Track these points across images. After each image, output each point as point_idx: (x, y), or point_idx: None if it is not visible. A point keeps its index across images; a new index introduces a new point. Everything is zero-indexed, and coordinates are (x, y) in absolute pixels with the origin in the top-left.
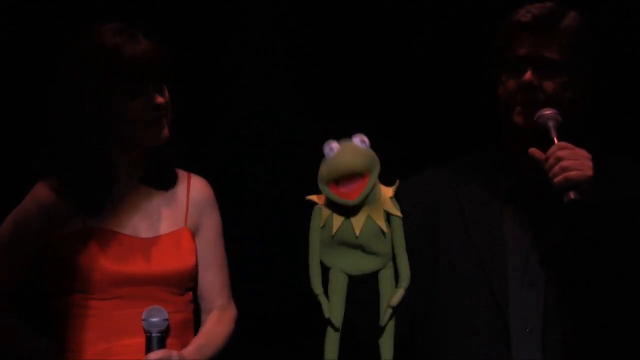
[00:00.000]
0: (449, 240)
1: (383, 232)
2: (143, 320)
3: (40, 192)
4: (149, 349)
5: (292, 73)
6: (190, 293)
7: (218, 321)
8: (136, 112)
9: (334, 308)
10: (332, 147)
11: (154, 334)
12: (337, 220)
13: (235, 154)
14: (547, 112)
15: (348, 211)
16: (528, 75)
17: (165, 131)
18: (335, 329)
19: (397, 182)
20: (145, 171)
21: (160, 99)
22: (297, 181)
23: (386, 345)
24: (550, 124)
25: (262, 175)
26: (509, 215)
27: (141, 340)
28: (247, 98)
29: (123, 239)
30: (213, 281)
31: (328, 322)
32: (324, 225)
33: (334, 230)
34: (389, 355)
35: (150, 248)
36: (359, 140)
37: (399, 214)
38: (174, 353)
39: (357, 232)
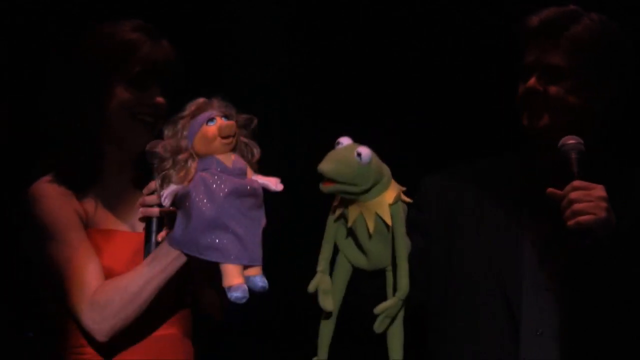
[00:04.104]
0: (465, 241)
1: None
2: (146, 151)
3: (47, 185)
4: (151, 179)
5: (296, 74)
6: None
7: None
8: (132, 103)
9: None
10: (340, 141)
11: (156, 165)
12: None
13: None
14: (571, 141)
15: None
16: (532, 81)
17: (151, 137)
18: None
19: (399, 192)
20: (135, 173)
21: (160, 101)
22: (298, 182)
23: (395, 345)
24: (573, 155)
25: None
26: (524, 221)
27: (155, 334)
28: (246, 99)
29: (121, 236)
30: None
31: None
32: None
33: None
34: (398, 355)
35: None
36: (356, 152)
37: (388, 221)
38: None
39: (350, 222)
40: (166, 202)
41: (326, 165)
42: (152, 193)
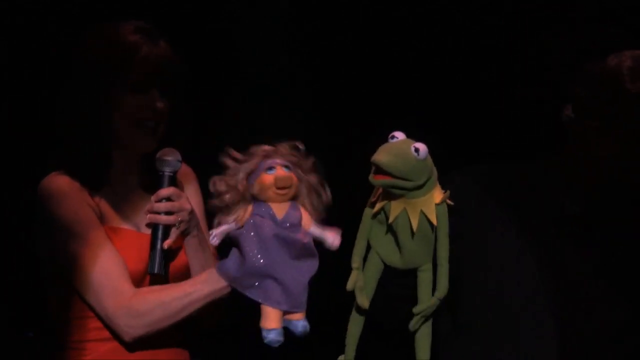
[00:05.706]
0: (503, 247)
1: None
2: (156, 159)
3: (62, 180)
4: (160, 186)
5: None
6: None
7: None
8: (132, 108)
9: None
10: (395, 135)
11: (166, 173)
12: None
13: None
14: None
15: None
16: None
17: (152, 140)
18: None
19: (447, 192)
20: (140, 175)
21: (160, 104)
22: None
23: (423, 345)
24: None
25: None
26: (569, 235)
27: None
28: (251, 99)
29: (128, 234)
30: None
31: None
32: None
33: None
34: (425, 356)
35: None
36: (413, 147)
37: (434, 220)
38: (183, 194)
39: (391, 219)
40: (215, 242)
41: (383, 157)
42: (160, 200)
